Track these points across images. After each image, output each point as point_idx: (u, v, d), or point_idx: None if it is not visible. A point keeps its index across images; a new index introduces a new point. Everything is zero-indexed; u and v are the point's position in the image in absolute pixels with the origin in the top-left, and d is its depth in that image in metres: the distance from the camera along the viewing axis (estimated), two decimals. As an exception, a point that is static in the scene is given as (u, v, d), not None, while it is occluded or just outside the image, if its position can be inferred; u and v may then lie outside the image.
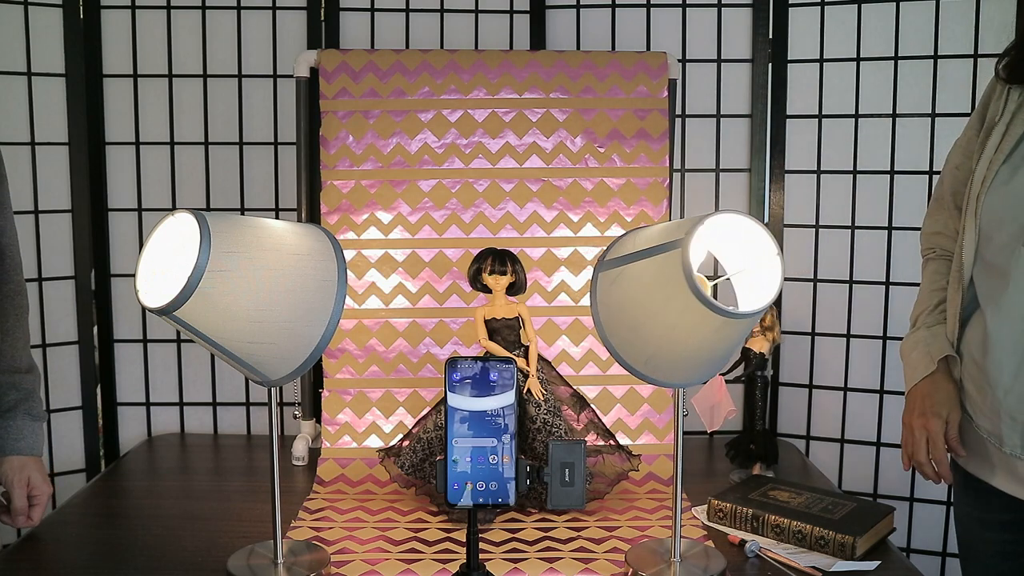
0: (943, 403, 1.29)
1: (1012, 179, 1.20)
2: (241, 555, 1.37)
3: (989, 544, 1.30)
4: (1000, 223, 1.20)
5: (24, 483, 1.43)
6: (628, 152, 1.81)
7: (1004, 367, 1.20)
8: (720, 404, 1.68)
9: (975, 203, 1.23)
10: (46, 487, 1.46)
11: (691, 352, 1.20)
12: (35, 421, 1.46)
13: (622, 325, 1.23)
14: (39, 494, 1.45)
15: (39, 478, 1.45)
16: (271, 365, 1.25)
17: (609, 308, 1.24)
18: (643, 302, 1.18)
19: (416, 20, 2.01)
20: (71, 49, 1.92)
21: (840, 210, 1.97)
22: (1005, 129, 1.22)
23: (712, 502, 1.52)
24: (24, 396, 1.46)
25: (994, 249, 1.21)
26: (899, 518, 1.64)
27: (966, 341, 1.27)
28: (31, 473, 1.44)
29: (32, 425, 1.45)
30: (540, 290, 1.79)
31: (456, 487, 1.12)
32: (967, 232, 1.24)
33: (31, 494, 1.44)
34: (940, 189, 1.39)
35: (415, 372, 1.77)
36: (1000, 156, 1.21)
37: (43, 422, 1.48)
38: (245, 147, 2.01)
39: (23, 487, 1.43)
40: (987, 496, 1.27)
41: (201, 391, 2.05)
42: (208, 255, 1.12)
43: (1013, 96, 1.23)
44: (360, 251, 1.78)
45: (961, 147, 1.34)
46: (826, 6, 1.95)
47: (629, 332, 1.22)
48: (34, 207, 1.92)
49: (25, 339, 1.48)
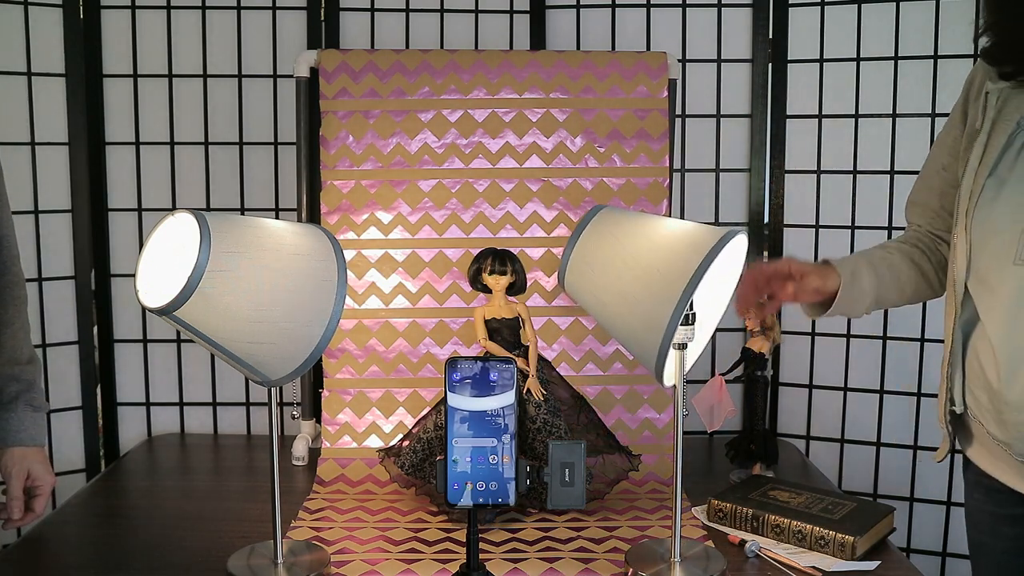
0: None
1: (999, 194, 1.20)
2: (241, 555, 1.37)
3: (1002, 540, 1.30)
4: (990, 237, 1.20)
5: (22, 474, 1.42)
6: (628, 152, 1.81)
7: (1012, 382, 1.19)
8: (720, 404, 1.68)
9: (964, 218, 1.23)
10: (48, 477, 1.45)
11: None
12: (36, 412, 1.45)
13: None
14: (41, 484, 1.44)
15: (41, 469, 1.44)
16: (271, 365, 1.25)
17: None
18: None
19: (416, 20, 2.01)
20: (71, 49, 1.92)
21: (840, 210, 1.97)
22: (987, 139, 1.22)
23: (712, 502, 1.52)
24: (25, 387, 1.45)
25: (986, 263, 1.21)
26: (899, 518, 1.64)
27: (971, 351, 1.26)
28: (32, 465, 1.43)
29: (33, 416, 1.45)
30: (540, 290, 1.79)
31: (456, 487, 1.12)
32: (958, 246, 1.24)
33: (33, 484, 1.44)
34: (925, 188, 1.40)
35: (415, 372, 1.77)
36: (985, 169, 1.21)
37: (44, 412, 1.47)
38: (245, 147, 2.01)
39: (20, 479, 1.42)
40: (998, 493, 1.27)
41: (201, 391, 2.05)
42: (208, 255, 1.12)
43: (991, 101, 1.22)
44: (360, 251, 1.78)
45: (947, 146, 1.33)
46: (826, 6, 1.95)
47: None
48: (34, 207, 1.92)
49: (25, 329, 1.47)
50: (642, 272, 1.18)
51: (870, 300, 1.35)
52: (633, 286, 1.19)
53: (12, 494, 1.42)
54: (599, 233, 1.24)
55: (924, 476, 1.95)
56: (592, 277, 1.23)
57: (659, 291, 1.16)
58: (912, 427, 1.94)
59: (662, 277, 1.17)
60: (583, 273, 1.24)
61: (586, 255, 1.24)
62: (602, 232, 1.24)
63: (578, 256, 1.25)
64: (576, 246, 1.25)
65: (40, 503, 1.45)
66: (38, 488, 1.44)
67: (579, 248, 1.25)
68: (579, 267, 1.25)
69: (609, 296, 1.22)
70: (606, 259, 1.22)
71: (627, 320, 1.21)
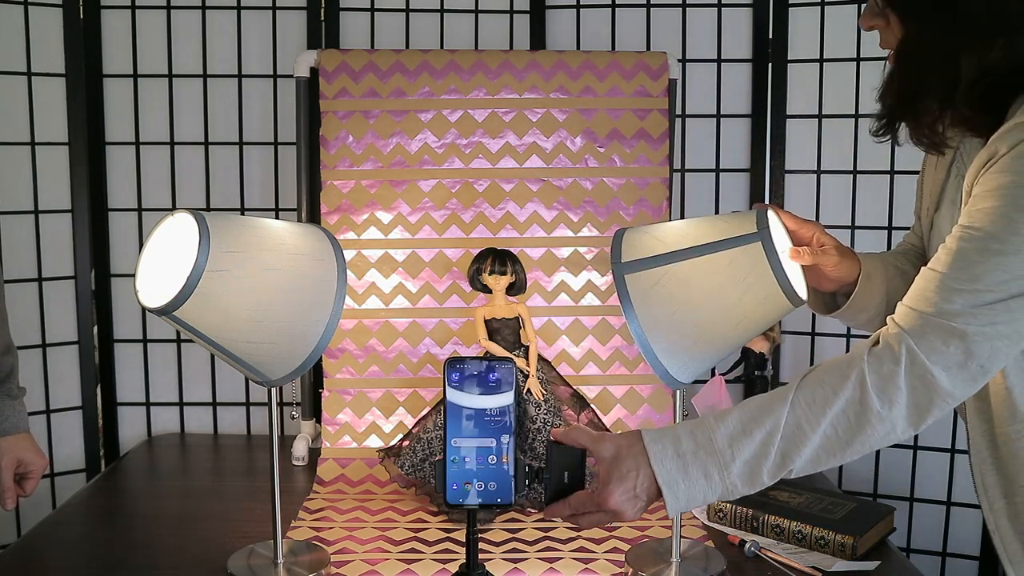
0: None
1: (935, 224, 1.21)
2: (241, 555, 1.37)
3: None
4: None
5: (12, 464, 1.43)
6: (628, 152, 1.81)
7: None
8: (720, 404, 1.68)
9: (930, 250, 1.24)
10: (39, 460, 1.46)
11: (738, 342, 1.20)
12: (14, 400, 1.45)
13: (671, 326, 1.18)
14: (33, 468, 1.45)
15: (30, 454, 1.45)
16: (271, 365, 1.25)
17: (653, 311, 1.18)
18: (708, 299, 1.15)
19: (416, 20, 2.01)
20: (71, 49, 1.92)
21: (840, 210, 1.96)
22: (932, 177, 1.23)
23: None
24: (3, 378, 1.45)
25: None
26: (899, 518, 1.64)
27: None
28: (21, 452, 1.43)
29: (12, 404, 1.45)
30: (540, 290, 1.79)
31: (455, 487, 1.12)
32: None
33: (26, 469, 1.44)
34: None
35: (415, 372, 1.77)
36: (930, 209, 1.22)
37: (22, 398, 1.47)
38: (245, 147, 2.01)
39: (10, 469, 1.42)
40: None
41: (201, 391, 2.05)
42: (207, 255, 1.12)
43: (942, 164, 1.22)
44: (360, 251, 1.78)
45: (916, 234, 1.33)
46: (826, 6, 1.94)
47: (683, 332, 1.18)
48: (34, 207, 1.92)
49: (1, 318, 1.46)
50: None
51: (878, 306, 1.29)
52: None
53: (4, 484, 1.43)
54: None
55: (924, 476, 1.95)
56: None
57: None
58: (912, 427, 1.94)
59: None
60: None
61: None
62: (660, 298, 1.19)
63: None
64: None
65: (30, 484, 1.45)
66: (30, 472, 1.45)
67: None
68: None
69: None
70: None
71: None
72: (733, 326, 1.17)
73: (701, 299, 1.15)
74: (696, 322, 1.17)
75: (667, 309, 1.17)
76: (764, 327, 1.20)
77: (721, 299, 1.14)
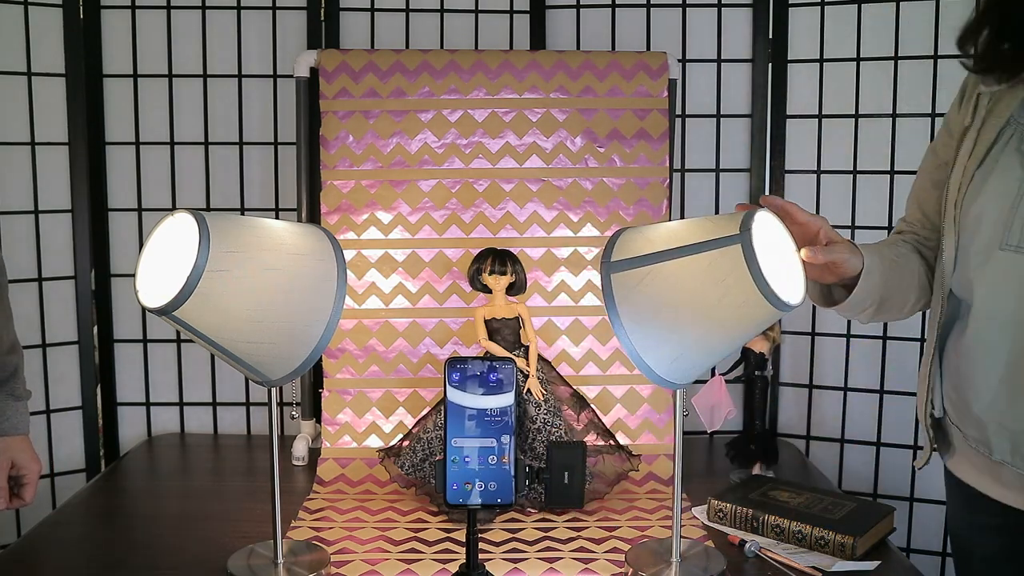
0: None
1: (985, 184, 1.19)
2: (241, 555, 1.37)
3: (981, 548, 1.30)
4: (977, 228, 1.20)
5: (5, 464, 1.41)
6: (628, 152, 1.81)
7: (989, 373, 1.19)
8: (720, 404, 1.68)
9: (954, 210, 1.22)
10: (34, 464, 1.43)
11: (725, 348, 1.19)
12: (18, 401, 1.44)
13: (654, 327, 1.18)
14: (27, 472, 1.42)
15: (24, 457, 1.42)
16: (271, 365, 1.25)
17: (636, 310, 1.19)
18: (688, 300, 1.15)
19: (416, 20, 2.01)
20: (71, 49, 1.92)
21: (840, 210, 1.96)
22: (976, 135, 1.22)
23: (712, 502, 1.52)
24: (8, 377, 1.43)
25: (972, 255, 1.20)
26: (899, 518, 1.64)
27: (949, 351, 1.26)
28: (15, 454, 1.41)
29: (15, 405, 1.43)
30: (540, 290, 1.79)
31: (456, 487, 1.12)
32: (947, 240, 1.23)
33: (19, 473, 1.42)
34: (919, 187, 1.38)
35: (415, 372, 1.77)
36: (974, 162, 1.21)
37: (26, 400, 1.46)
38: (245, 147, 2.01)
39: (4, 468, 1.41)
40: (977, 501, 1.27)
41: (201, 391, 2.05)
42: (207, 255, 1.12)
43: (983, 102, 1.22)
44: (360, 251, 1.78)
45: (938, 150, 1.32)
46: (826, 6, 1.95)
47: (664, 333, 1.18)
48: (34, 207, 1.92)
49: (6, 316, 1.44)
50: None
51: (875, 300, 1.31)
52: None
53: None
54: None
55: (924, 476, 1.94)
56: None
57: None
58: (912, 427, 1.94)
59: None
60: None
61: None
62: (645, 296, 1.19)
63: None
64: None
65: (29, 492, 1.43)
66: (25, 477, 1.43)
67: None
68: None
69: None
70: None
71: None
72: (716, 327, 1.16)
73: (684, 300, 1.15)
74: (679, 323, 1.17)
75: (651, 309, 1.16)
76: (752, 330, 1.18)
77: (702, 300, 1.14)
